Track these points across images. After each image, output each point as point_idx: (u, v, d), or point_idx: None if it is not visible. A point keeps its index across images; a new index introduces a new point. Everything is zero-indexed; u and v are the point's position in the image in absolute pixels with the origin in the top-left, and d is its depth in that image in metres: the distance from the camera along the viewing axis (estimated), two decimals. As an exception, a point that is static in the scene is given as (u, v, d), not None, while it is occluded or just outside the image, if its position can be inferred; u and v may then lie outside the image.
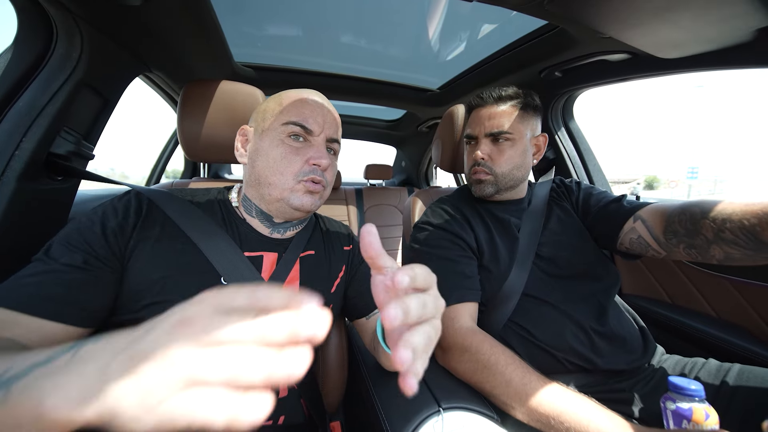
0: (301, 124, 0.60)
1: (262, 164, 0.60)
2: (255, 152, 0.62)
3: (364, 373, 0.75)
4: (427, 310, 0.29)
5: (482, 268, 0.83)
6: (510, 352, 0.65)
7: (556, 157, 1.42)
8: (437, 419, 0.54)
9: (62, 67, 0.71)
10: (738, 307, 0.93)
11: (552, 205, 0.91)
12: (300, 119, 0.61)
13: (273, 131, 0.61)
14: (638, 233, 0.76)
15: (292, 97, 0.63)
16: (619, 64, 1.04)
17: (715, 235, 0.63)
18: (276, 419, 0.57)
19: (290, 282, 0.64)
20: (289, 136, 0.60)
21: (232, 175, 2.45)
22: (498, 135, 0.85)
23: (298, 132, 0.61)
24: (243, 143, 0.66)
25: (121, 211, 0.55)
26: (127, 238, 0.53)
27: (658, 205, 0.76)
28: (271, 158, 0.60)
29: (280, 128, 0.60)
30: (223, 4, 0.98)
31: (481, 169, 0.87)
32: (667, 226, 0.71)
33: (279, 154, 0.59)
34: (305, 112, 0.61)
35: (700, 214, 0.66)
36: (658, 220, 0.73)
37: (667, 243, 0.71)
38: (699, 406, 0.52)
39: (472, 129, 0.90)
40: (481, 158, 0.86)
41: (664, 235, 0.71)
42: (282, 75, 1.56)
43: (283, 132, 0.60)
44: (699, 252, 0.67)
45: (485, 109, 0.88)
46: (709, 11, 0.67)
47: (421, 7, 1.26)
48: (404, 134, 2.68)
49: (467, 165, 0.93)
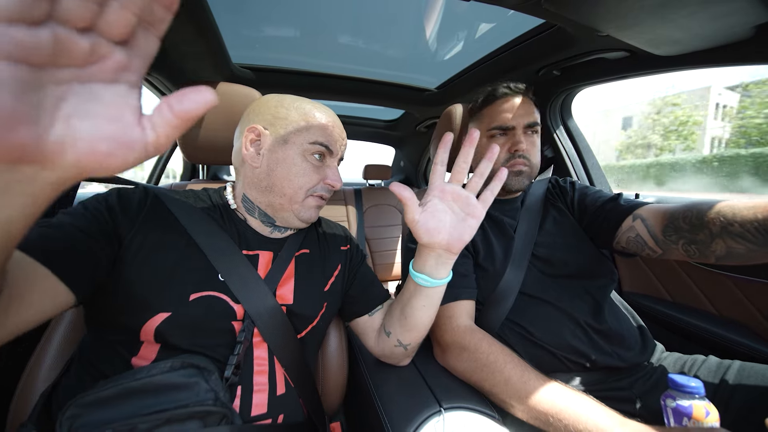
0: (327, 146, 0.64)
1: (282, 174, 0.62)
2: (275, 160, 0.62)
3: (365, 374, 0.75)
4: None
5: (477, 267, 0.83)
6: (508, 351, 0.65)
7: (554, 155, 1.42)
8: (438, 419, 0.54)
9: None
10: (739, 305, 0.93)
11: (548, 205, 0.91)
12: (327, 141, 0.64)
13: (298, 145, 0.62)
14: (636, 232, 0.75)
15: (318, 115, 0.64)
16: (617, 62, 1.04)
17: (721, 229, 0.62)
18: (275, 418, 0.57)
19: (286, 280, 0.65)
20: (312, 154, 0.63)
21: (230, 176, 2.44)
22: (533, 125, 0.84)
23: (322, 152, 0.64)
24: (252, 142, 0.63)
25: (126, 196, 0.57)
26: (131, 224, 0.54)
27: (659, 205, 0.75)
28: (293, 171, 0.62)
29: (307, 145, 0.62)
30: (221, 5, 0.98)
31: (522, 161, 0.83)
32: (669, 223, 0.70)
33: (302, 170, 0.62)
34: (334, 135, 0.65)
35: (707, 209, 0.65)
36: (659, 219, 0.72)
37: (665, 241, 0.70)
38: (699, 403, 0.52)
39: (504, 119, 0.84)
40: (524, 149, 0.82)
41: (663, 233, 0.70)
42: (280, 76, 1.56)
43: (309, 150, 0.62)
44: (699, 248, 0.66)
45: (515, 98, 0.84)
46: (707, 8, 0.67)
47: (419, 7, 1.26)
48: (403, 134, 2.68)
49: (499, 158, 0.84)
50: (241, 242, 0.63)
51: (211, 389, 0.49)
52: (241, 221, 0.66)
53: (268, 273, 0.63)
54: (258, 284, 0.59)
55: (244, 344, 0.56)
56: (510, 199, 0.93)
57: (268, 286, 0.61)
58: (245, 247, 0.63)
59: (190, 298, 0.54)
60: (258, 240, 0.66)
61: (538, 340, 0.74)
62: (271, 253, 0.65)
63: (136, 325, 0.51)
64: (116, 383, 0.46)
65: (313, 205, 0.65)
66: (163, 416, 0.45)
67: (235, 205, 0.67)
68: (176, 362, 0.49)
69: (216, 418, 0.48)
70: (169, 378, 0.47)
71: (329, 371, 0.80)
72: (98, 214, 0.52)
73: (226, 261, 0.58)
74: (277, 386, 0.60)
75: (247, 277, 0.59)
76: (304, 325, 0.66)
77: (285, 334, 0.61)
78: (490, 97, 0.87)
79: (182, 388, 0.47)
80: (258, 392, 0.57)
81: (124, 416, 0.44)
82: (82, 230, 0.48)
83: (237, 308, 0.57)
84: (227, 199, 0.67)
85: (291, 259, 0.67)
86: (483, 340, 0.67)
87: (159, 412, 0.45)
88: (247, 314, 0.57)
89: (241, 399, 0.55)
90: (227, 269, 0.57)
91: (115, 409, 0.45)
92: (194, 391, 0.48)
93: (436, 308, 0.66)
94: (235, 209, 0.67)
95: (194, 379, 0.48)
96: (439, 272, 0.61)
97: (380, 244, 2.48)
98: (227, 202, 0.67)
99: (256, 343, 0.59)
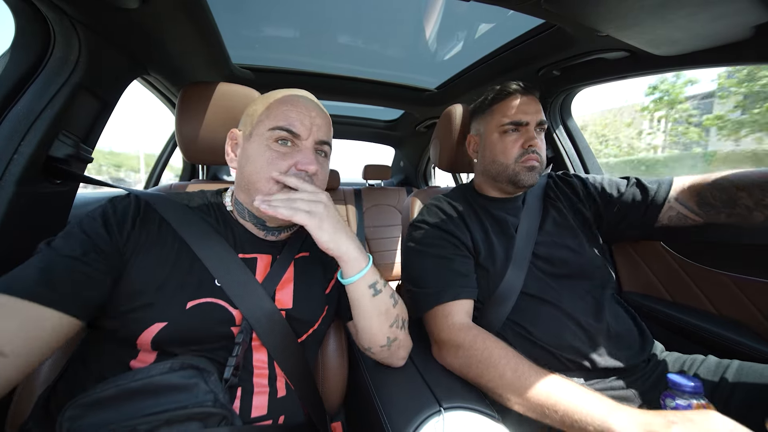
0: (288, 129, 0.59)
1: (250, 170, 0.59)
2: (243, 157, 0.61)
3: (365, 374, 0.75)
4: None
5: (479, 266, 0.83)
6: (503, 345, 0.65)
7: (554, 155, 1.42)
8: (438, 419, 0.55)
9: (60, 70, 0.71)
10: (738, 304, 0.93)
11: (547, 206, 0.91)
12: (286, 124, 0.59)
13: (260, 136, 0.60)
14: (677, 210, 0.83)
15: (279, 99, 0.62)
16: (617, 62, 1.04)
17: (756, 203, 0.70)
18: (276, 419, 0.57)
19: (284, 283, 0.64)
20: (275, 141, 0.59)
21: (230, 176, 2.44)
22: (543, 123, 0.87)
23: (285, 137, 0.59)
24: (233, 147, 0.65)
25: (120, 211, 0.56)
26: (125, 239, 0.54)
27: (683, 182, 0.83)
28: (258, 164, 0.58)
29: (267, 133, 0.59)
30: (221, 5, 0.98)
31: (535, 156, 0.85)
32: (700, 200, 0.79)
33: (265, 160, 0.58)
34: (292, 116, 0.60)
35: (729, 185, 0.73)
36: (689, 196, 0.81)
37: (706, 213, 0.79)
38: (698, 402, 0.52)
39: (518, 115, 0.85)
40: (537, 145, 0.85)
41: (700, 207, 0.79)
42: (280, 76, 1.56)
43: (269, 137, 0.59)
44: (741, 218, 0.74)
45: (527, 96, 0.87)
46: (707, 8, 0.67)
47: (419, 7, 1.26)
48: (402, 134, 2.68)
49: (511, 153, 0.86)
50: (236, 245, 0.62)
51: (210, 390, 0.49)
52: (237, 224, 0.65)
53: (266, 277, 0.62)
54: (255, 289, 0.58)
55: (242, 346, 0.55)
56: (513, 198, 0.93)
57: (266, 290, 0.60)
58: (241, 251, 0.62)
59: (187, 306, 0.53)
60: (255, 243, 0.64)
61: (538, 340, 0.74)
62: (269, 257, 0.64)
63: (133, 335, 0.51)
64: (116, 384, 0.46)
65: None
66: (163, 417, 0.45)
67: (231, 208, 0.66)
68: (175, 363, 0.49)
69: (216, 420, 0.48)
70: (169, 379, 0.47)
71: (329, 371, 0.80)
72: (95, 235, 0.52)
73: (222, 265, 0.57)
74: (277, 389, 0.60)
75: (244, 281, 0.58)
76: (304, 329, 0.65)
77: (284, 339, 0.60)
78: (502, 93, 0.89)
79: (181, 389, 0.47)
80: (258, 394, 0.57)
81: (123, 417, 0.44)
82: (79, 259, 0.49)
83: (235, 313, 0.57)
84: (225, 202, 0.67)
85: (290, 262, 0.65)
86: (478, 337, 0.67)
87: (158, 413, 0.45)
88: (245, 318, 0.57)
89: (241, 400, 0.55)
90: (223, 274, 0.57)
91: (115, 410, 0.45)
92: (193, 392, 0.48)
93: (369, 300, 0.61)
94: (231, 212, 0.66)
95: (193, 380, 0.48)
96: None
97: (380, 244, 2.48)
98: (224, 204, 0.67)
99: (256, 347, 0.59)
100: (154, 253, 0.55)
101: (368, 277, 0.60)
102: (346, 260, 0.58)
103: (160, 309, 0.52)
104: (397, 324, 0.65)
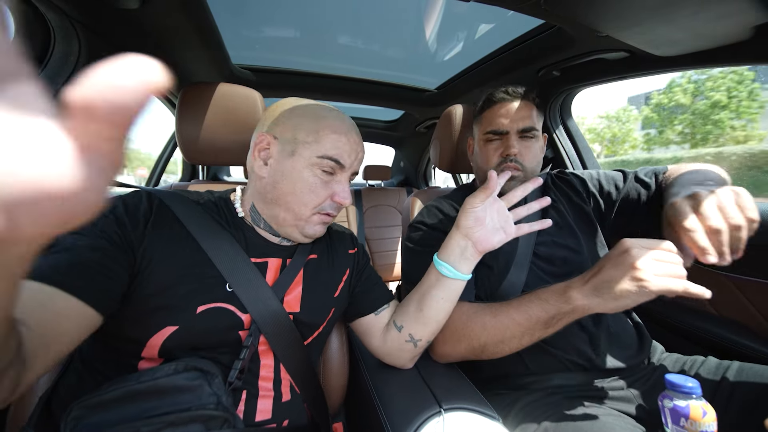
0: (337, 160, 0.59)
1: (287, 189, 0.58)
2: (280, 173, 0.58)
3: (365, 375, 0.75)
4: None
5: (482, 265, 0.83)
6: (477, 303, 0.72)
7: (554, 155, 1.42)
8: (438, 420, 0.55)
9: (60, 70, 0.71)
10: (738, 305, 0.93)
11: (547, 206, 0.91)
12: (338, 155, 0.58)
13: (306, 159, 0.58)
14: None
15: (332, 129, 0.59)
16: (617, 62, 1.04)
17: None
18: (280, 423, 0.57)
19: (293, 287, 0.63)
20: (320, 169, 0.58)
21: (230, 177, 2.44)
22: (528, 130, 0.85)
23: (332, 167, 0.59)
24: (260, 152, 0.60)
25: (132, 206, 0.54)
26: (140, 237, 0.52)
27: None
28: (298, 187, 0.58)
29: (315, 159, 0.58)
30: (221, 6, 0.98)
31: (513, 165, 0.84)
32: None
33: (308, 186, 0.58)
34: (344, 148, 0.59)
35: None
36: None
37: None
38: (696, 403, 0.52)
39: (498, 124, 0.86)
40: (515, 154, 0.84)
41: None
42: (280, 77, 1.56)
43: (317, 164, 0.58)
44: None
45: (512, 103, 0.86)
46: (707, 9, 0.68)
47: (419, 8, 1.26)
48: (402, 135, 2.68)
49: (491, 161, 0.87)
50: (249, 249, 0.61)
51: (213, 393, 0.48)
52: (249, 228, 0.63)
53: (277, 281, 0.61)
54: (266, 293, 0.58)
55: (250, 350, 0.55)
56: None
57: (276, 294, 0.59)
58: (253, 254, 0.61)
59: (198, 311, 0.52)
60: (266, 247, 0.63)
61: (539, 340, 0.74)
62: (279, 260, 0.64)
63: (143, 338, 0.50)
64: (120, 386, 0.46)
65: (318, 222, 0.61)
66: (166, 419, 0.45)
67: (243, 213, 0.64)
68: (180, 365, 0.49)
69: (218, 422, 0.48)
70: (173, 381, 0.47)
71: (330, 372, 0.80)
72: (109, 230, 0.50)
73: (234, 269, 0.56)
74: (282, 393, 0.60)
75: (255, 285, 0.57)
76: (310, 331, 0.65)
77: (291, 342, 0.60)
78: (488, 101, 0.90)
79: (185, 391, 0.47)
80: (263, 398, 0.57)
81: (127, 419, 0.44)
82: (95, 249, 0.47)
83: (244, 318, 0.56)
84: (235, 206, 0.65)
85: (300, 266, 0.65)
86: (456, 310, 0.71)
87: (162, 415, 0.45)
88: (254, 322, 0.56)
89: (245, 404, 0.54)
90: (235, 277, 0.56)
91: (119, 412, 0.45)
92: (197, 394, 0.47)
93: (453, 303, 0.67)
94: (243, 217, 0.64)
95: (197, 382, 0.48)
96: (461, 266, 0.65)
97: (380, 245, 2.48)
98: (234, 209, 0.65)
99: (262, 351, 0.59)
100: (167, 253, 0.53)
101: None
102: (475, 258, 0.66)
103: (172, 313, 0.51)
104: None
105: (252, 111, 0.91)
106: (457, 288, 0.66)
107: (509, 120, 0.85)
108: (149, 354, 0.51)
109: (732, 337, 0.90)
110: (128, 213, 0.53)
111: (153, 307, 0.51)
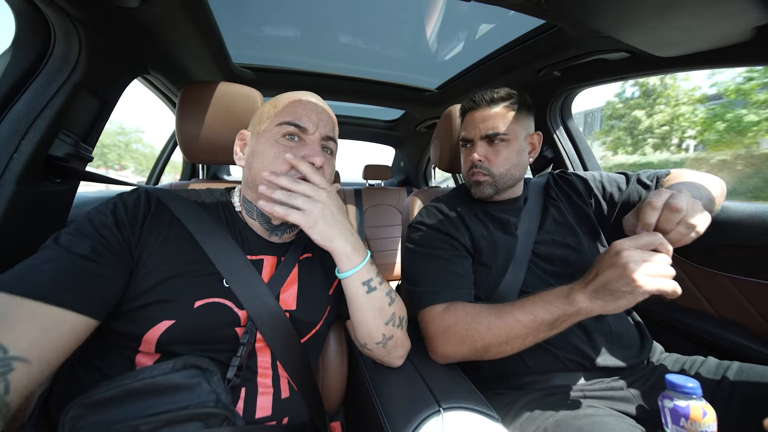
0: (295, 123, 0.61)
1: (257, 165, 0.60)
2: (251, 154, 0.63)
3: (364, 374, 0.75)
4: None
5: (480, 264, 0.83)
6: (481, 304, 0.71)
7: (554, 156, 1.42)
8: (437, 419, 0.54)
9: (60, 69, 0.71)
10: (737, 305, 0.93)
11: (547, 205, 0.92)
12: (294, 118, 0.61)
13: (268, 132, 0.62)
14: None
15: (287, 99, 0.64)
16: (617, 62, 1.04)
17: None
18: (280, 420, 0.57)
19: (289, 285, 0.64)
20: (283, 136, 0.61)
21: (230, 176, 2.44)
22: (493, 136, 0.86)
23: (292, 131, 0.61)
24: (242, 147, 0.67)
25: (131, 207, 0.55)
26: (137, 236, 0.53)
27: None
28: (266, 158, 0.60)
29: (275, 129, 0.61)
30: (222, 5, 0.98)
31: (479, 171, 0.87)
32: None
33: (273, 154, 0.59)
34: (299, 111, 0.62)
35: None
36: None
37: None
38: (696, 403, 0.52)
39: (467, 132, 0.91)
40: (478, 160, 0.86)
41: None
42: (280, 76, 1.56)
43: (278, 132, 0.61)
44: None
45: (479, 111, 0.89)
46: (707, 10, 0.67)
47: (419, 7, 1.26)
48: (403, 134, 2.68)
49: (464, 167, 0.94)
50: (244, 246, 0.62)
51: (212, 390, 0.48)
52: (244, 224, 0.65)
53: (272, 278, 0.62)
54: (262, 289, 0.59)
55: (247, 346, 0.55)
56: (512, 199, 0.94)
57: (272, 291, 0.60)
58: (249, 252, 0.62)
59: (195, 306, 0.53)
60: (261, 244, 0.65)
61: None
62: (275, 258, 0.65)
63: (140, 333, 0.51)
64: (119, 384, 0.46)
65: None
66: (165, 417, 0.45)
67: (240, 208, 0.66)
68: (178, 363, 0.49)
69: (217, 420, 0.48)
70: (171, 379, 0.47)
71: (329, 371, 0.80)
72: (106, 231, 0.51)
73: (231, 266, 0.57)
74: (281, 390, 0.60)
75: (252, 282, 0.58)
76: (307, 330, 0.65)
77: (288, 339, 0.60)
78: (462, 109, 0.95)
79: (184, 389, 0.47)
80: (262, 395, 0.57)
81: (126, 417, 0.44)
82: (91, 258, 0.48)
83: (241, 314, 0.57)
84: (233, 201, 0.67)
85: (294, 264, 0.66)
86: (458, 309, 0.71)
87: (160, 413, 0.45)
88: (250, 318, 0.57)
89: (245, 401, 0.55)
90: (232, 274, 0.57)
91: (118, 410, 0.45)
92: (196, 392, 0.47)
93: (364, 299, 0.61)
94: (239, 212, 0.66)
95: (196, 380, 0.48)
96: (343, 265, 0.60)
97: (380, 244, 2.48)
98: (232, 204, 0.67)
99: (260, 348, 0.59)
100: (164, 250, 0.54)
101: (362, 274, 0.60)
102: (338, 256, 0.59)
103: (169, 307, 0.52)
104: (393, 322, 0.65)
105: (252, 110, 0.91)
106: (352, 284, 0.60)
107: (473, 127, 0.89)
108: (146, 349, 0.52)
109: (732, 337, 0.90)
110: (128, 213, 0.54)
111: (150, 301, 0.51)
